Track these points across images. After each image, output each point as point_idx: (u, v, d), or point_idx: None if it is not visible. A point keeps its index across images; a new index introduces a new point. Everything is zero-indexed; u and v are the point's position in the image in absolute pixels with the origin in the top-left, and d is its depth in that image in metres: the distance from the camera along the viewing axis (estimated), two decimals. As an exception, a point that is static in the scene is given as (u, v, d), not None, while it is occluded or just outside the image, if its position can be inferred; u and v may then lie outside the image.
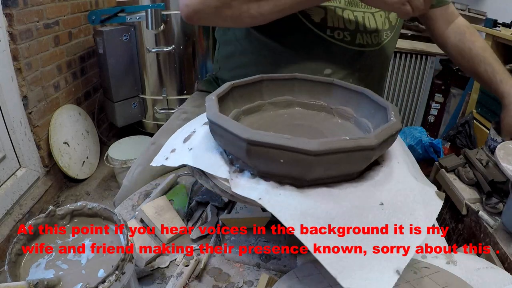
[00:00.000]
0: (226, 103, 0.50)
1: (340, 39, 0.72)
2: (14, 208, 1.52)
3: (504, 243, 0.65)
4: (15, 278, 0.33)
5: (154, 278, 0.49)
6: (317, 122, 0.54)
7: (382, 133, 0.38)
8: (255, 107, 0.54)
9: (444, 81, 2.23)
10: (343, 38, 0.72)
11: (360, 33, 0.72)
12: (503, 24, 1.84)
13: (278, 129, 0.51)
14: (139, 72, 2.05)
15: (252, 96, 0.54)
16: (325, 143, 0.35)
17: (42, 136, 1.71)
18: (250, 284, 0.48)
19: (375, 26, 0.74)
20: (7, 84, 1.49)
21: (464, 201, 0.80)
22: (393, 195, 0.39)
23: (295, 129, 0.51)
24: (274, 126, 0.52)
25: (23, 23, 1.54)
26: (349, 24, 0.71)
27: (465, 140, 1.67)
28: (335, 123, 0.54)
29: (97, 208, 0.40)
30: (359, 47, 0.73)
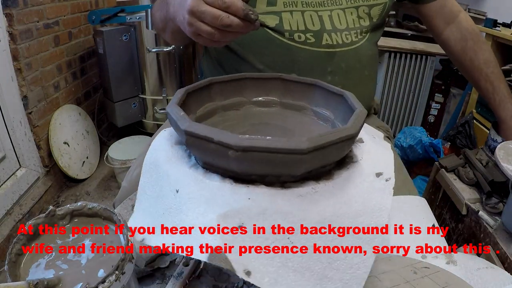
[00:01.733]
0: (202, 98, 0.49)
1: (301, 41, 0.67)
2: (14, 208, 1.52)
3: (504, 243, 0.65)
4: (15, 278, 0.33)
5: (154, 278, 0.49)
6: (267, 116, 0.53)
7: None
8: (234, 104, 0.53)
9: (444, 81, 2.23)
10: (305, 40, 0.67)
11: (327, 32, 0.67)
12: (503, 24, 1.84)
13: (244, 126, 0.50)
14: (139, 72, 2.05)
15: (231, 92, 0.53)
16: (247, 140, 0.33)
17: (42, 136, 1.71)
18: (250, 284, 0.48)
19: (346, 23, 0.68)
20: (7, 84, 1.49)
21: (464, 201, 0.80)
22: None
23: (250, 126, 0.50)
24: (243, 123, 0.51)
25: (23, 23, 1.54)
26: (311, 25, 0.67)
27: (465, 140, 1.67)
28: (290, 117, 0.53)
29: (97, 208, 0.40)
30: (327, 48, 0.67)
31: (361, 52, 0.71)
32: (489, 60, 0.80)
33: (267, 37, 0.68)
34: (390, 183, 0.39)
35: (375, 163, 0.41)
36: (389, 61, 2.12)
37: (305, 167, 0.35)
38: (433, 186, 0.99)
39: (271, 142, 0.33)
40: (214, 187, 0.36)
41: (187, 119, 0.37)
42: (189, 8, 0.46)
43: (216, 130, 0.34)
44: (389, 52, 2.10)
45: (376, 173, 0.40)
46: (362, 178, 0.39)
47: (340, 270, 0.34)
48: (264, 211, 0.33)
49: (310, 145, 0.33)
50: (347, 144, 0.36)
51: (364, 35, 0.71)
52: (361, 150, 0.43)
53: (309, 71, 0.68)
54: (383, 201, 0.38)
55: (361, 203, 0.37)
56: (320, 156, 0.34)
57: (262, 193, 0.34)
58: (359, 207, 0.37)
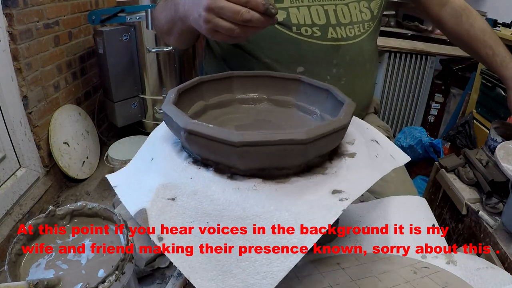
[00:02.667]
0: (192, 97, 0.50)
1: (308, 35, 0.68)
2: (14, 208, 1.52)
3: (504, 243, 0.65)
4: (15, 278, 0.33)
5: (154, 278, 0.49)
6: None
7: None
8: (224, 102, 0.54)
9: (444, 81, 2.23)
10: (312, 34, 0.68)
11: (332, 27, 0.69)
12: (503, 24, 1.84)
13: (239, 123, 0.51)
14: (139, 72, 2.05)
15: (220, 91, 0.54)
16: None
17: (42, 136, 1.71)
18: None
19: (349, 18, 0.70)
20: (7, 84, 1.49)
21: (464, 201, 0.80)
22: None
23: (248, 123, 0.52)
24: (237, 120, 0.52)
25: (23, 23, 1.54)
26: (317, 19, 0.68)
27: (465, 140, 1.67)
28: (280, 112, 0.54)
29: (97, 208, 0.40)
30: (333, 42, 0.69)
31: (364, 46, 0.73)
32: (484, 28, 0.82)
33: (275, 32, 0.68)
34: (343, 204, 0.35)
35: (345, 180, 0.38)
36: (389, 61, 2.12)
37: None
38: (433, 186, 0.99)
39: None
40: (179, 166, 0.39)
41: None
42: (206, 4, 0.46)
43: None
44: (389, 52, 2.10)
45: (333, 190, 0.37)
46: (314, 188, 0.37)
47: (246, 272, 0.33)
48: (195, 192, 0.36)
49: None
50: (340, 134, 0.39)
51: (365, 29, 0.73)
52: (346, 164, 0.41)
53: (315, 64, 0.70)
54: (318, 220, 0.34)
55: (292, 213, 0.34)
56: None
57: (208, 179, 0.37)
58: (287, 216, 0.34)
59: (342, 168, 0.40)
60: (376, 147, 0.47)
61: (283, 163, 0.37)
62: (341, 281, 0.43)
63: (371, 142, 0.47)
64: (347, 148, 0.44)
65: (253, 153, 0.35)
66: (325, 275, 0.44)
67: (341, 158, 0.42)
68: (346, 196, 0.36)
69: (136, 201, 0.39)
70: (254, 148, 0.34)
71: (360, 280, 0.42)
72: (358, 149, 0.43)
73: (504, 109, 1.53)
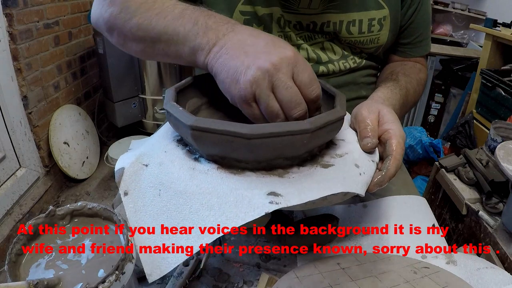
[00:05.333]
0: (187, 95, 0.50)
1: None
2: (14, 208, 1.52)
3: (504, 243, 0.65)
4: (15, 278, 0.33)
5: (154, 278, 0.49)
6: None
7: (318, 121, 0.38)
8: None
9: (444, 81, 2.23)
10: None
11: (323, 64, 0.65)
12: (503, 24, 1.85)
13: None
14: (139, 72, 2.05)
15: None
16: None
17: (42, 136, 1.71)
18: (250, 284, 0.48)
19: (341, 53, 0.66)
20: (7, 84, 1.49)
21: (464, 201, 0.80)
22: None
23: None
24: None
25: (23, 23, 1.54)
26: (306, 59, 0.61)
27: (465, 140, 1.67)
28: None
29: (97, 208, 0.40)
30: (322, 77, 0.65)
31: (357, 74, 0.69)
32: (411, 80, 0.66)
33: None
34: (270, 207, 0.36)
35: (292, 186, 0.38)
36: (389, 61, 2.12)
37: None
38: (433, 186, 0.99)
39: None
40: (165, 142, 0.44)
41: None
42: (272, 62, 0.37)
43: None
44: (389, 52, 2.10)
45: (271, 191, 0.37)
46: (256, 185, 0.38)
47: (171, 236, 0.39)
48: (161, 163, 0.42)
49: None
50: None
51: (362, 58, 0.68)
52: (312, 172, 0.41)
53: None
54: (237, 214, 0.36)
55: (220, 201, 0.37)
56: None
57: (176, 156, 0.42)
58: (214, 203, 0.37)
59: (302, 175, 0.40)
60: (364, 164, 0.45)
61: (235, 154, 0.38)
62: (341, 281, 0.43)
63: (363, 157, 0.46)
64: (330, 158, 0.43)
65: (205, 137, 0.37)
66: (325, 275, 0.44)
67: (314, 166, 0.41)
68: (278, 201, 0.36)
69: (122, 161, 0.46)
70: (205, 133, 0.36)
71: (360, 280, 0.42)
72: (339, 163, 0.42)
73: (504, 109, 1.53)
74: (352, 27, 0.63)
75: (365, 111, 0.49)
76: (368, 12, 0.63)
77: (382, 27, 0.64)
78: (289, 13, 0.62)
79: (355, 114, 0.50)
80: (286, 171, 0.40)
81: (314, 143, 0.40)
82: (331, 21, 0.62)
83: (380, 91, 0.59)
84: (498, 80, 1.55)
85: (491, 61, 1.76)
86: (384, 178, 0.44)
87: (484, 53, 1.79)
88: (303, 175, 0.40)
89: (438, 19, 2.75)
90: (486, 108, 1.67)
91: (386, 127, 0.47)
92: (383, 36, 0.65)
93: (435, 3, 2.58)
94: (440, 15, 2.72)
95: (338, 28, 0.63)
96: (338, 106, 0.42)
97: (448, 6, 2.58)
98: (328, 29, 0.63)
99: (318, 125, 0.37)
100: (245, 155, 0.38)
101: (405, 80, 0.65)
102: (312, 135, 0.37)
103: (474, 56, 2.16)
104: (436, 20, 2.75)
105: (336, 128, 0.42)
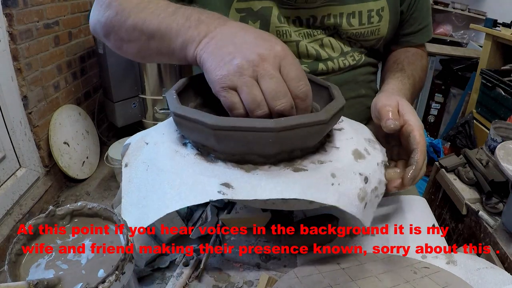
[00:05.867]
0: (188, 95, 0.50)
1: None
2: (14, 208, 1.52)
3: (504, 243, 0.65)
4: (15, 278, 0.33)
5: (154, 278, 0.49)
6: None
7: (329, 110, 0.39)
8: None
9: (444, 81, 2.23)
10: None
11: (323, 62, 0.64)
12: (503, 24, 1.85)
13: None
14: (139, 72, 2.05)
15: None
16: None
17: (42, 136, 1.71)
18: (250, 284, 0.48)
19: (340, 49, 0.65)
20: (7, 84, 1.49)
21: (464, 201, 0.80)
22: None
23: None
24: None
25: (23, 23, 1.54)
26: (306, 56, 0.64)
27: (465, 140, 1.67)
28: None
29: (97, 208, 0.40)
30: (323, 75, 0.64)
31: (357, 71, 0.68)
32: (416, 67, 0.68)
33: None
34: (215, 195, 0.37)
35: (249, 182, 0.39)
36: (389, 61, 2.12)
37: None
38: (433, 186, 0.99)
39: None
40: (168, 125, 0.48)
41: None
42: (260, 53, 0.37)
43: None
44: (389, 52, 2.10)
45: (224, 182, 0.38)
46: (217, 173, 0.40)
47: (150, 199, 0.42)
48: (155, 143, 0.46)
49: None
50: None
51: (362, 54, 0.68)
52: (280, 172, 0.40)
53: None
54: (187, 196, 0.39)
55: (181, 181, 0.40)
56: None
57: (170, 139, 0.45)
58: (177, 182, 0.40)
59: (268, 173, 0.39)
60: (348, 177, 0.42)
61: (208, 143, 0.40)
62: (341, 281, 0.43)
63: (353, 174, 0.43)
64: (308, 163, 0.42)
65: (183, 124, 0.40)
66: (325, 275, 0.44)
67: (286, 168, 0.40)
68: (226, 192, 0.37)
69: (131, 138, 0.51)
70: (182, 120, 0.39)
71: (360, 280, 0.42)
72: (315, 169, 0.41)
73: (504, 109, 1.53)
74: (352, 19, 0.63)
75: (385, 100, 0.51)
76: (365, 3, 0.63)
77: (381, 18, 0.64)
78: (287, 9, 0.62)
79: (375, 103, 0.52)
80: (255, 167, 0.40)
81: (285, 144, 0.38)
82: (332, 14, 0.62)
83: (391, 83, 0.61)
84: (498, 80, 1.55)
85: (491, 61, 1.76)
86: (416, 171, 0.45)
87: (484, 53, 1.79)
88: (269, 174, 0.39)
89: (438, 19, 2.75)
90: (486, 108, 1.67)
91: (406, 118, 0.48)
92: (383, 28, 0.65)
93: (435, 3, 2.58)
94: (440, 15, 2.72)
95: (339, 20, 0.63)
96: (322, 110, 0.39)
97: (448, 6, 2.58)
98: (329, 22, 0.63)
99: (284, 125, 0.35)
100: (214, 145, 0.39)
101: (410, 68, 0.66)
102: (278, 135, 0.35)
103: (474, 56, 2.16)
104: (436, 20, 2.75)
105: (313, 133, 0.38)
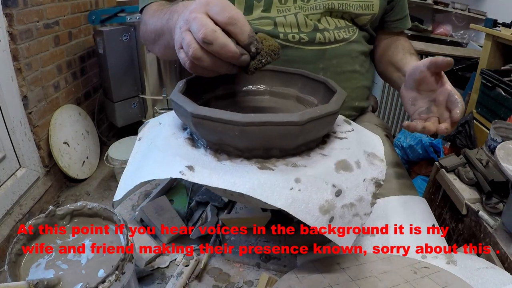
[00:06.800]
0: (196, 92, 0.52)
1: (295, 41, 0.68)
2: (14, 208, 1.52)
3: (504, 243, 0.65)
4: (15, 278, 0.33)
5: (154, 278, 0.49)
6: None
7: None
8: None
9: (444, 81, 2.23)
10: (299, 40, 0.68)
11: (320, 32, 0.69)
12: (503, 24, 1.85)
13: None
14: (139, 72, 2.04)
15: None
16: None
17: (42, 136, 1.71)
18: (250, 284, 0.48)
19: (334, 25, 0.71)
20: (7, 84, 1.49)
21: (464, 201, 0.80)
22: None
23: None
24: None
25: (23, 23, 1.54)
26: (304, 26, 0.69)
27: (465, 140, 1.67)
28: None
29: (97, 208, 0.40)
30: (320, 46, 0.70)
31: (352, 47, 0.73)
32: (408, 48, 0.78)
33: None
34: (184, 174, 0.40)
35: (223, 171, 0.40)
36: (389, 61, 2.12)
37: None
38: (433, 186, 0.99)
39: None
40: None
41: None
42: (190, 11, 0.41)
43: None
44: (389, 52, 2.10)
45: (189, 166, 0.41)
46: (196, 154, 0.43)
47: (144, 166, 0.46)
48: (164, 124, 0.52)
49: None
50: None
51: (354, 32, 0.74)
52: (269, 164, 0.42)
53: (302, 69, 0.68)
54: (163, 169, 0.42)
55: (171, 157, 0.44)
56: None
57: (175, 123, 0.50)
58: (169, 158, 0.43)
59: (235, 165, 0.41)
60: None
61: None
62: (341, 281, 0.43)
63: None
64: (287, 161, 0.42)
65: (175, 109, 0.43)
66: (325, 275, 0.44)
67: (258, 164, 0.41)
68: (186, 173, 0.40)
69: (151, 120, 0.57)
70: (174, 103, 0.43)
71: (360, 280, 0.42)
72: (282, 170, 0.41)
73: (504, 109, 1.53)
74: None
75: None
76: None
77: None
78: None
79: (414, 65, 0.61)
80: (228, 158, 0.42)
81: (253, 140, 0.39)
82: None
83: (414, 61, 0.67)
84: (498, 80, 1.55)
85: (491, 61, 1.76)
86: (461, 107, 0.55)
87: (484, 53, 1.79)
88: (235, 166, 0.41)
89: (438, 19, 2.74)
90: (486, 108, 1.67)
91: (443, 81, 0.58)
92: (376, 3, 0.73)
93: (435, 3, 2.58)
94: (440, 15, 2.72)
95: None
96: (299, 113, 0.39)
97: (448, 6, 2.58)
98: None
99: (250, 121, 0.37)
100: (194, 131, 0.44)
101: (412, 53, 0.76)
102: (243, 130, 0.38)
103: (474, 56, 2.16)
104: (436, 20, 2.75)
105: (286, 133, 0.39)
